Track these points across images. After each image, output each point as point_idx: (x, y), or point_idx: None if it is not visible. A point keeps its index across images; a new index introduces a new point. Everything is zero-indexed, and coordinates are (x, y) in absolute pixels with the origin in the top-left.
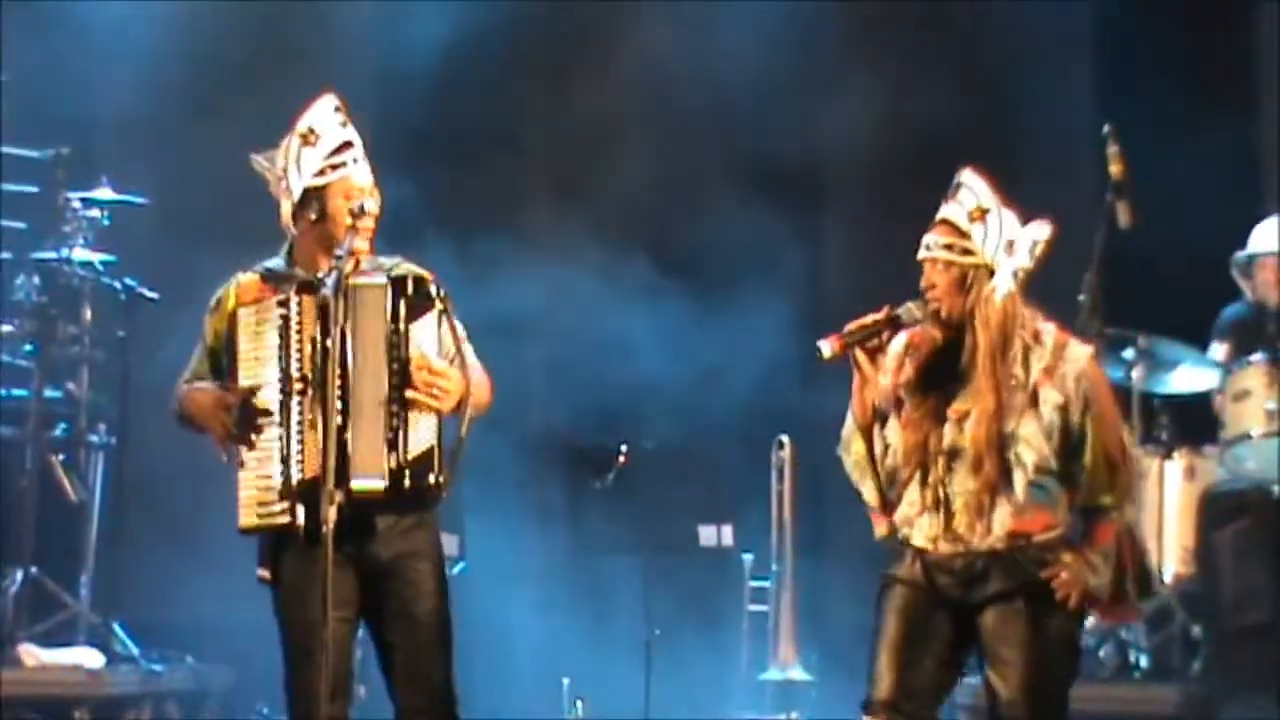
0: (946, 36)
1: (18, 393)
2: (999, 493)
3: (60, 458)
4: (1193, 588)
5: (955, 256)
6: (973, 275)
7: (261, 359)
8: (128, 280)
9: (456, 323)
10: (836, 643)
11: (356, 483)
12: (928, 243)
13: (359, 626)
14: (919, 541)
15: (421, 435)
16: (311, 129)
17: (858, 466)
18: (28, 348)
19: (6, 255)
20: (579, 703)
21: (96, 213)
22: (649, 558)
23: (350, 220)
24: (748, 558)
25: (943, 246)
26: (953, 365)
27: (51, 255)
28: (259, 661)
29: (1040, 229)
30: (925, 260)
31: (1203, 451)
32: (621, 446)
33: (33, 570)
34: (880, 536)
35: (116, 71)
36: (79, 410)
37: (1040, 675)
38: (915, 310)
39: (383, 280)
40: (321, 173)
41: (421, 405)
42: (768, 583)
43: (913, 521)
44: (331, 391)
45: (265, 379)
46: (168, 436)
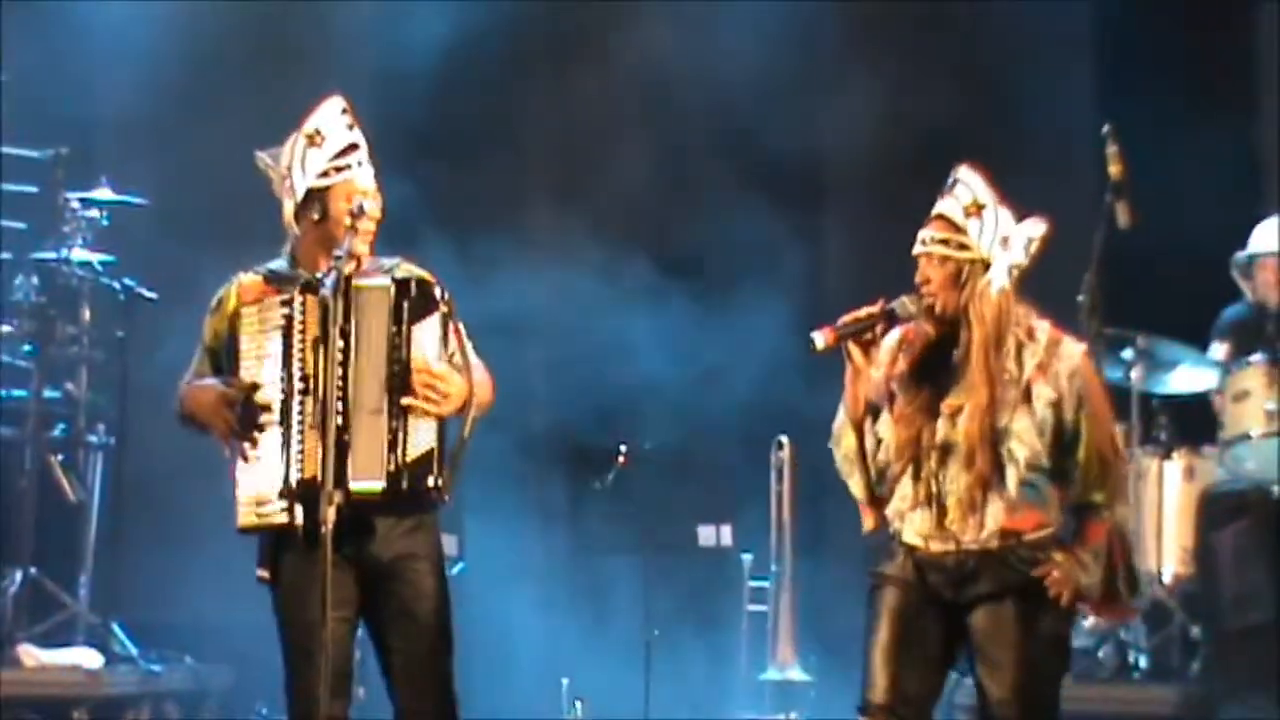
0: (947, 36)
1: (17, 393)
2: (991, 488)
3: (59, 458)
4: (1192, 588)
5: (951, 251)
6: (968, 270)
7: (263, 359)
8: (127, 280)
9: (460, 325)
10: (836, 643)
11: (355, 484)
12: (923, 238)
13: (358, 627)
14: (910, 538)
15: (421, 438)
16: (318, 130)
17: (847, 460)
18: (27, 348)
19: (6, 255)
20: (578, 703)
21: (96, 213)
22: (649, 558)
23: (349, 221)
24: (747, 558)
25: (938, 241)
26: (946, 360)
27: (51, 255)
28: (258, 662)
29: (1035, 226)
30: (920, 255)
31: (1202, 452)
32: (621, 447)
33: (32, 570)
34: (868, 530)
35: (116, 71)
36: (78, 410)
37: (1031, 675)
38: (909, 304)
39: (386, 282)
40: (325, 174)
41: (423, 410)
42: (767, 583)
43: (904, 516)
44: (332, 392)
45: (267, 378)
46: (167, 437)
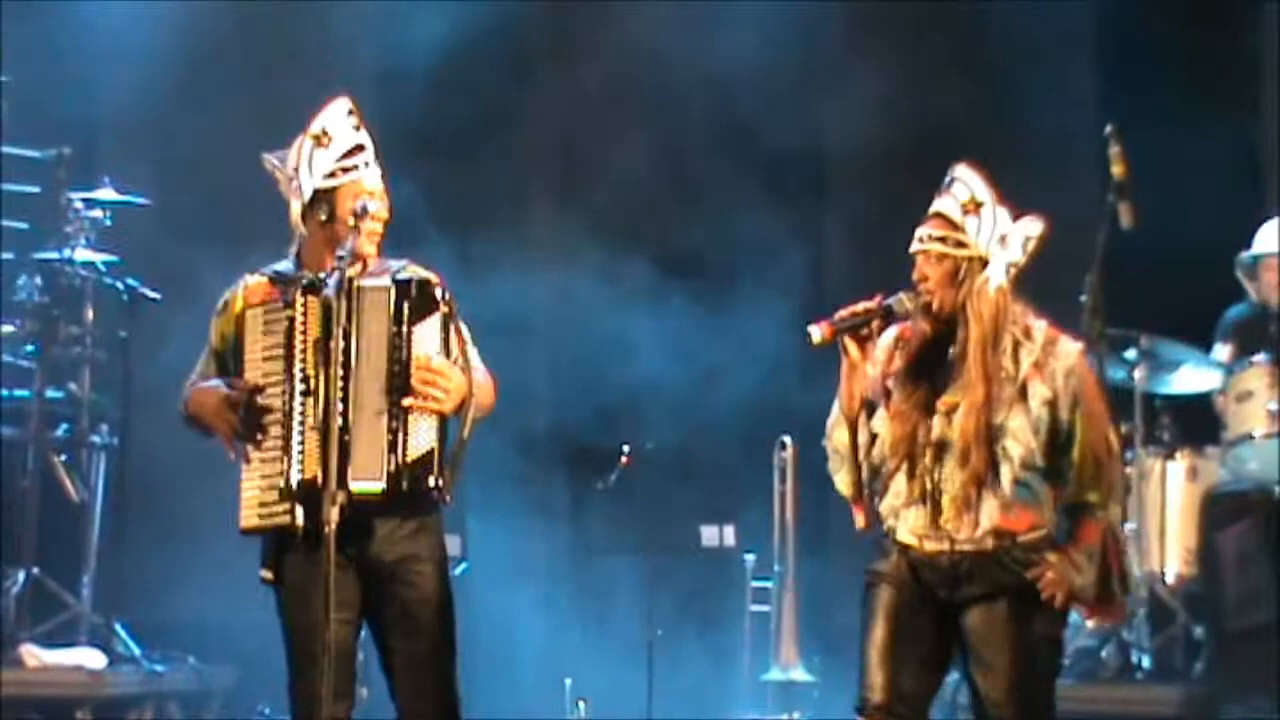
0: (948, 36)
1: (20, 393)
2: (986, 486)
3: (62, 458)
4: (1195, 588)
5: (948, 249)
6: (965, 268)
7: (266, 360)
8: (130, 280)
9: (462, 326)
10: (839, 644)
11: (355, 485)
12: (920, 235)
13: (361, 628)
14: (904, 536)
15: (421, 438)
16: (325, 130)
17: (836, 454)
18: (30, 348)
19: (8, 255)
20: (581, 703)
21: (98, 213)
22: (651, 558)
23: (352, 221)
24: (750, 558)
25: (936, 239)
26: (943, 358)
27: (53, 255)
28: (261, 662)
29: (1033, 225)
30: (918, 253)
31: (1205, 452)
32: (624, 447)
33: (34, 571)
34: (860, 529)
35: (117, 71)
36: (81, 411)
37: (1025, 677)
38: (906, 301)
39: (386, 282)
40: (332, 175)
41: (422, 406)
42: (770, 583)
43: (898, 513)
44: (334, 393)
45: (269, 380)
46: (170, 437)
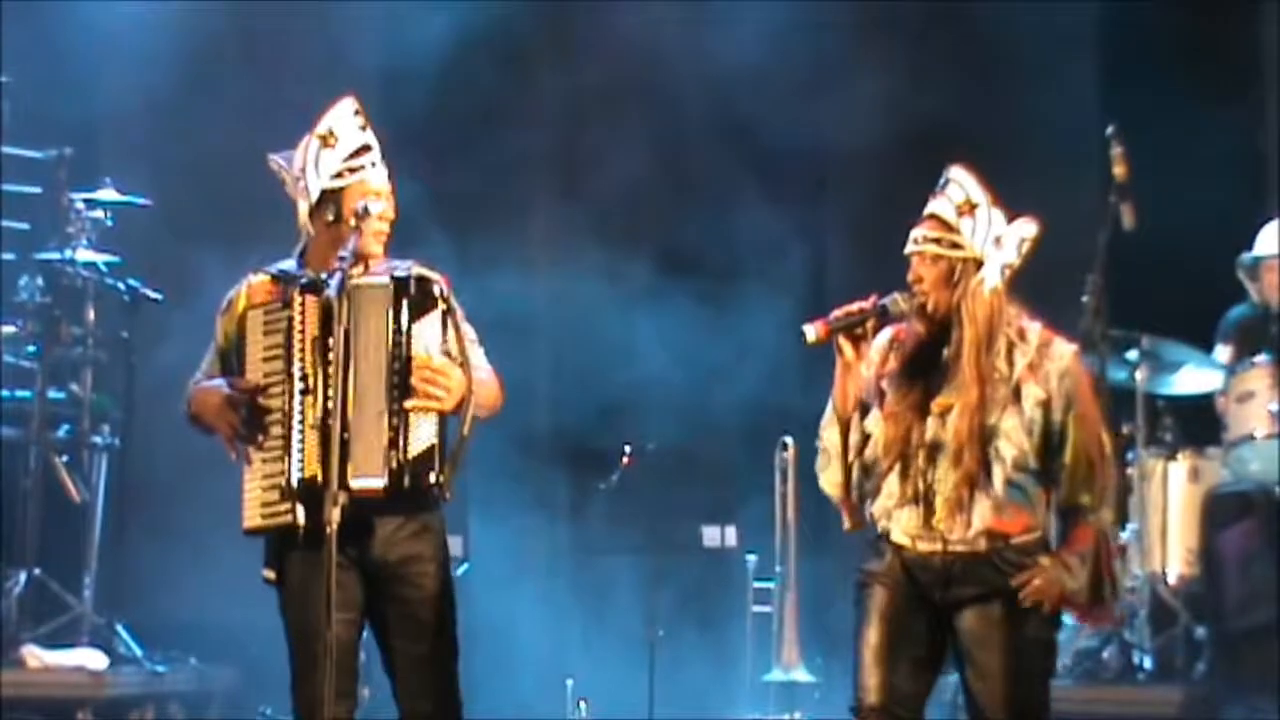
0: (950, 34)
1: (21, 394)
2: (979, 487)
3: (63, 459)
4: (1197, 589)
5: (943, 250)
6: (960, 269)
7: (268, 360)
8: (131, 281)
9: (464, 324)
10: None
11: (356, 482)
12: (915, 236)
13: (364, 628)
14: (897, 537)
15: (422, 435)
16: (331, 131)
17: (825, 453)
18: (31, 349)
19: (10, 256)
20: (582, 703)
21: (100, 213)
22: (652, 558)
23: (354, 221)
24: (751, 559)
25: (930, 240)
26: (937, 359)
27: (55, 256)
28: (263, 662)
29: (1027, 226)
30: (913, 254)
31: (1206, 453)
32: (625, 447)
33: (36, 571)
34: (847, 530)
35: (117, 71)
36: (82, 411)
37: (1019, 679)
38: (901, 302)
39: (385, 280)
40: (339, 175)
41: (422, 405)
42: (771, 584)
43: (891, 514)
44: (335, 392)
45: (270, 379)
46: (171, 437)
